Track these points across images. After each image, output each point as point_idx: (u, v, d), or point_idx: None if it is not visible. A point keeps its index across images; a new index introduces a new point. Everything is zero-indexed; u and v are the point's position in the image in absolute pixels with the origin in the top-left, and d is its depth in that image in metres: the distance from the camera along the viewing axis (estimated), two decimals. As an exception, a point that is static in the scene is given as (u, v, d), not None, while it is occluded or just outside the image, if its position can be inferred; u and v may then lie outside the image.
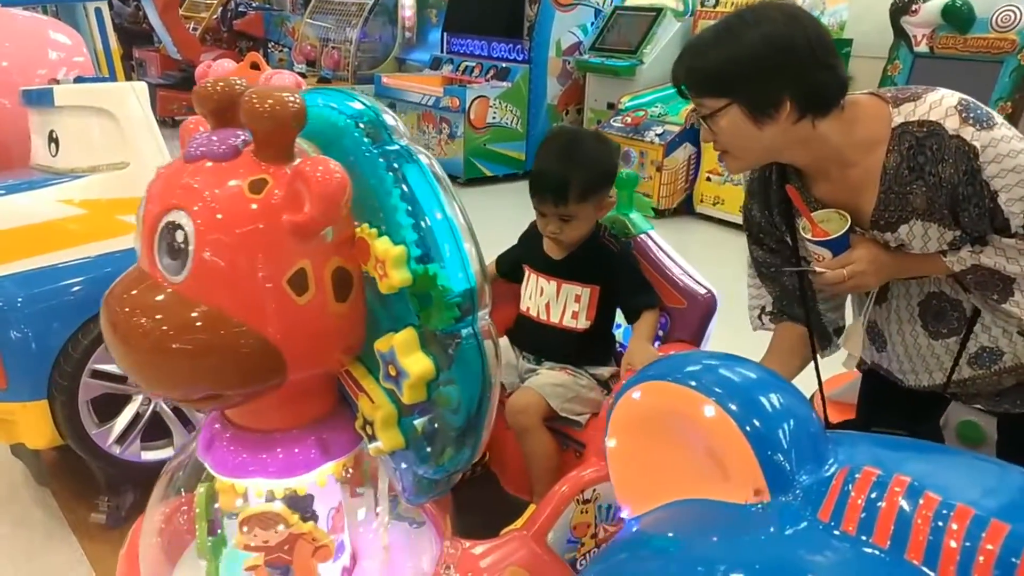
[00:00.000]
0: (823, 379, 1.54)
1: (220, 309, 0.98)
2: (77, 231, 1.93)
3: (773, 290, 1.50)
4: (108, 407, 2.01)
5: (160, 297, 1.00)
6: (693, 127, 5.41)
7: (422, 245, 1.05)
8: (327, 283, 1.03)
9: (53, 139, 2.02)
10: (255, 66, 3.51)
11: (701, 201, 5.45)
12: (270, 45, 8.57)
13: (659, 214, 5.37)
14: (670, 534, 0.67)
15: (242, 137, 1.03)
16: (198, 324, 0.98)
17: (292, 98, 0.98)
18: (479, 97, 6.01)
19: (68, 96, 1.97)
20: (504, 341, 1.83)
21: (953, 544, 0.52)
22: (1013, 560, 0.50)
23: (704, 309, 1.80)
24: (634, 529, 0.73)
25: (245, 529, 1.16)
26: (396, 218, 1.06)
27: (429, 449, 1.10)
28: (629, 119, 5.64)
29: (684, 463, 0.69)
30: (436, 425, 1.09)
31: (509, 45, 6.46)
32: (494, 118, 6.12)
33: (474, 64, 6.64)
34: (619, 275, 1.74)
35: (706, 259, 1.95)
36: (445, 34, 7.05)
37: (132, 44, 8.51)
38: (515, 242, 1.91)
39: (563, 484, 1.48)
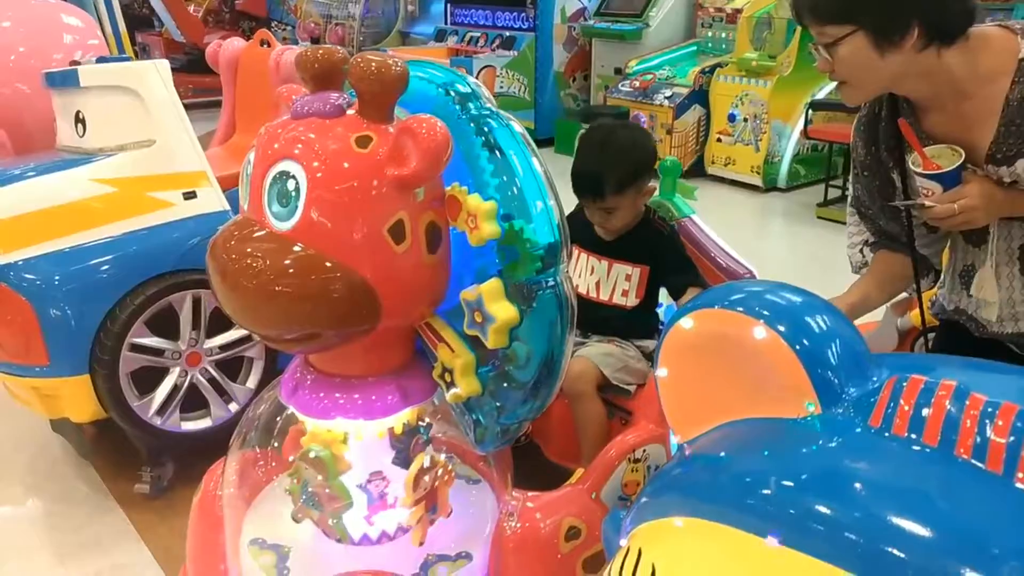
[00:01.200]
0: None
1: (326, 253, 1.05)
2: (109, 209, 1.96)
3: (873, 228, 1.49)
4: (147, 380, 2.06)
5: (268, 242, 1.06)
6: (702, 88, 5.39)
7: (509, 202, 1.12)
8: (421, 235, 1.10)
9: (80, 120, 2.05)
10: (265, 43, 3.51)
11: (712, 162, 5.45)
12: (273, 24, 8.54)
13: (695, 198, 5.36)
14: (721, 452, 0.71)
15: (345, 99, 1.10)
16: (304, 266, 1.04)
17: (395, 62, 1.06)
18: (486, 67, 6.00)
19: (93, 76, 1.99)
20: None
21: (999, 439, 0.56)
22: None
23: None
24: (686, 452, 0.77)
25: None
26: (485, 178, 1.14)
27: (499, 401, 1.17)
28: (637, 83, 5.62)
29: (734, 386, 0.72)
30: (505, 380, 1.16)
31: (514, 14, 6.42)
32: (501, 87, 6.10)
33: (479, 34, 6.61)
34: (667, 256, 1.81)
35: (720, 220, 2.02)
36: (449, 5, 7.01)
37: (134, 29, 8.48)
38: None
39: (612, 447, 1.56)
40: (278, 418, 1.32)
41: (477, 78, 5.86)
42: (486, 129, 1.15)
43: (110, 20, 3.83)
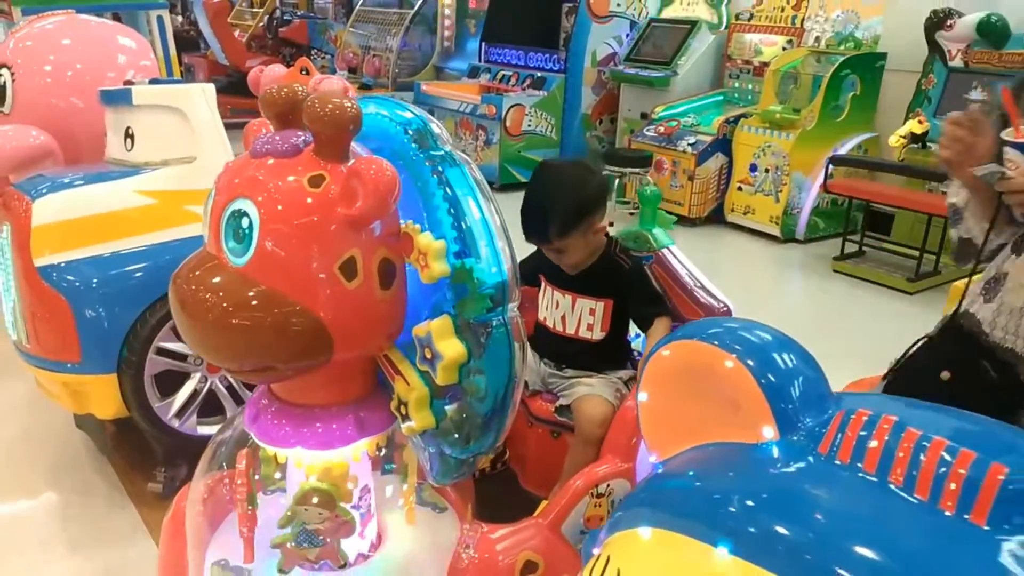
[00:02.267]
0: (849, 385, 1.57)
1: (278, 290, 1.07)
2: (148, 219, 2.08)
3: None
4: (169, 383, 2.16)
5: (224, 277, 1.09)
6: (725, 137, 5.50)
7: (460, 241, 1.15)
8: (374, 272, 1.12)
9: (129, 135, 2.18)
10: (305, 71, 3.68)
11: (732, 210, 5.53)
12: (313, 52, 8.82)
13: (690, 223, 5.45)
14: (689, 471, 0.78)
15: (303, 137, 1.12)
16: (256, 302, 1.07)
17: (349, 104, 1.08)
18: (515, 105, 6.16)
19: (145, 96, 2.13)
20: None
21: (928, 470, 0.63)
22: (977, 480, 0.60)
23: None
24: (660, 471, 0.84)
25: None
26: (438, 216, 1.16)
27: (457, 432, 1.19)
28: (662, 128, 5.74)
29: (706, 412, 0.80)
30: (464, 411, 1.18)
31: (545, 55, 6.60)
32: (529, 126, 6.26)
33: (511, 73, 6.79)
34: (631, 289, 1.81)
35: (736, 268, 2.04)
36: (483, 44, 7.22)
37: (181, 50, 8.80)
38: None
39: (578, 478, 1.56)
40: (246, 442, 1.33)
41: (506, 116, 6.04)
42: (440, 169, 1.18)
43: (162, 42, 4.03)
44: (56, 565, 2.00)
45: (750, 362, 0.76)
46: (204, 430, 2.21)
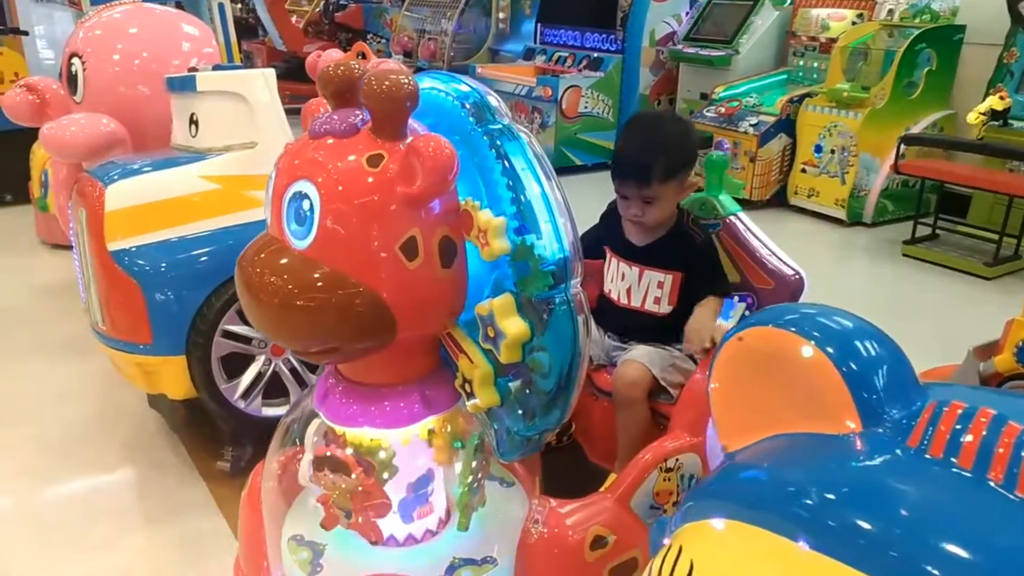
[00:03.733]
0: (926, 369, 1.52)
1: (340, 271, 1.07)
2: (212, 204, 2.12)
3: None
4: (235, 366, 2.21)
5: (287, 259, 1.10)
6: (789, 117, 5.33)
7: (520, 217, 1.13)
8: (434, 251, 1.11)
9: (193, 121, 2.23)
10: (362, 55, 3.70)
11: (795, 193, 5.36)
12: (369, 36, 8.89)
13: (751, 206, 5.31)
14: (764, 462, 0.75)
15: (360, 116, 1.11)
16: (320, 284, 1.07)
17: (406, 80, 1.06)
18: (571, 87, 6.09)
19: (209, 82, 2.17)
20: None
21: (1033, 466, 0.59)
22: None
23: (792, 290, 1.82)
24: (732, 460, 0.81)
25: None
26: (497, 192, 1.14)
27: (521, 409, 1.19)
28: (723, 109, 5.60)
29: (782, 401, 0.76)
30: (528, 388, 1.17)
31: (602, 35, 6.50)
32: (586, 108, 6.18)
33: (567, 54, 6.71)
34: (698, 264, 1.76)
35: (799, 252, 1.94)
36: (539, 25, 7.15)
37: (240, 37, 8.99)
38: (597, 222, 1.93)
39: (647, 452, 1.53)
40: (314, 420, 1.35)
41: (562, 98, 5.99)
42: (499, 143, 1.16)
43: (223, 29, 4.10)
44: (136, 535, 2.08)
45: (830, 349, 0.73)
46: (268, 411, 2.26)
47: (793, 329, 0.76)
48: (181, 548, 2.02)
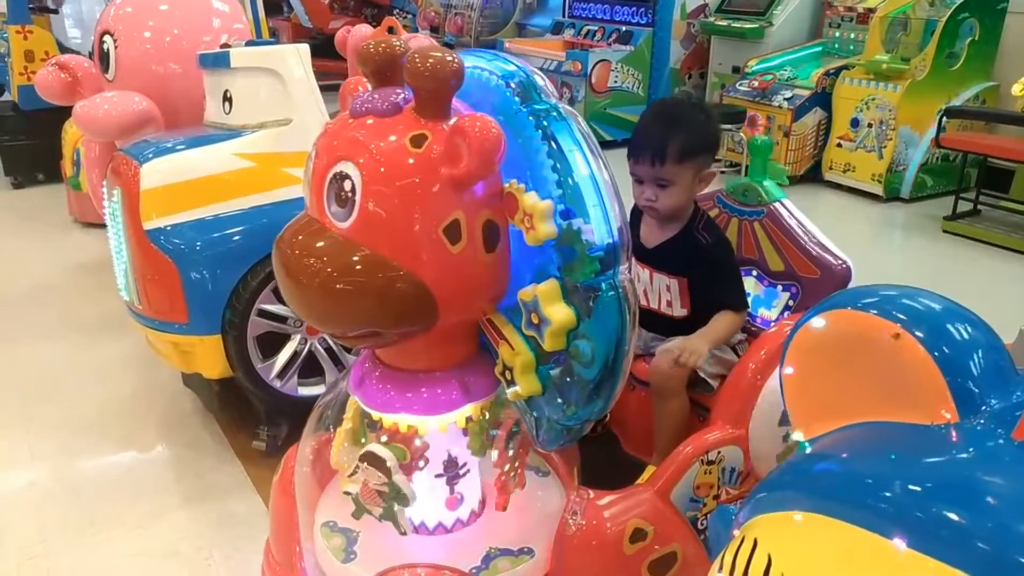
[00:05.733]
0: None
1: (381, 253, 1.04)
2: (247, 182, 2.10)
3: None
4: (270, 345, 2.20)
5: (328, 241, 1.07)
6: (824, 90, 5.20)
7: (567, 201, 1.08)
8: (478, 234, 1.08)
9: (227, 98, 2.20)
10: (391, 30, 3.64)
11: (831, 168, 5.24)
12: (395, 12, 8.80)
13: (787, 182, 5.20)
14: (848, 452, 0.71)
15: (402, 95, 1.07)
16: (360, 267, 1.04)
17: (451, 58, 1.03)
18: (601, 61, 5.99)
19: (242, 58, 2.13)
20: None
21: None
22: None
23: (838, 280, 1.76)
24: (808, 451, 0.77)
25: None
26: (543, 174, 1.09)
27: (562, 398, 1.15)
28: (756, 83, 5.47)
29: (864, 388, 0.72)
30: (569, 376, 1.13)
31: (633, 8, 6.37)
32: (615, 82, 6.08)
33: (596, 28, 6.60)
34: (703, 268, 1.68)
35: (835, 229, 1.87)
36: (567, -2, 7.04)
37: (266, 14, 8.96)
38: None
39: (688, 444, 1.49)
40: (348, 406, 1.31)
41: (591, 72, 5.89)
42: (545, 124, 1.11)
43: (251, 5, 4.06)
44: (175, 514, 2.09)
45: (919, 333, 0.68)
46: (304, 391, 2.25)
47: (875, 311, 0.71)
48: (219, 527, 2.03)
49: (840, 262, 1.77)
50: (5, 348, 3.00)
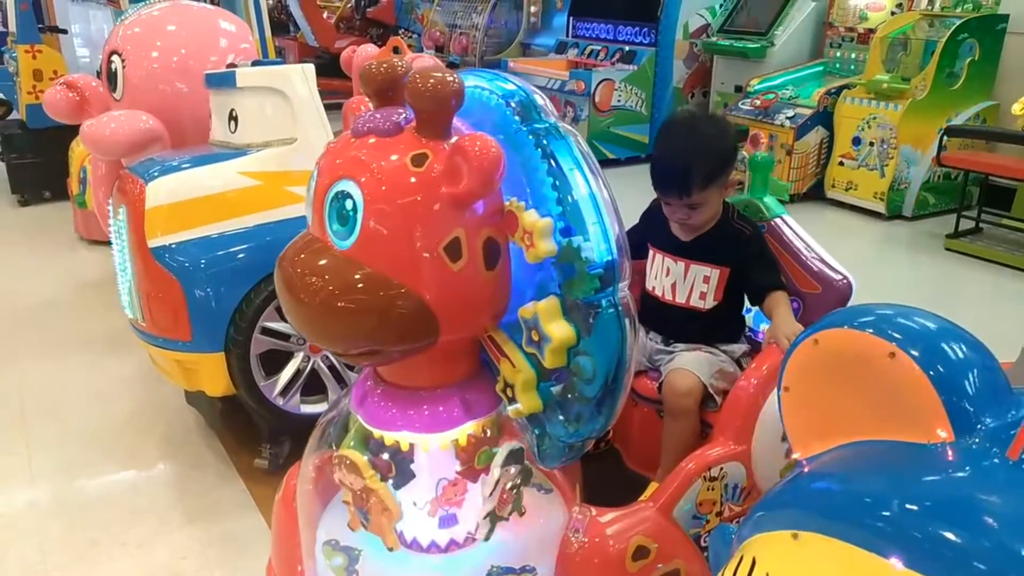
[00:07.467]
0: None
1: (383, 272, 1.05)
2: (252, 200, 2.11)
3: None
4: (273, 363, 2.21)
5: (329, 260, 1.07)
6: (826, 109, 5.22)
7: (567, 218, 1.10)
8: (479, 252, 1.09)
9: (233, 117, 2.22)
10: (397, 50, 3.67)
11: (833, 186, 5.26)
12: (400, 31, 8.89)
13: (788, 199, 5.22)
14: (845, 471, 0.71)
15: (404, 115, 1.09)
16: (362, 285, 1.05)
17: (452, 78, 1.04)
18: (604, 80, 6.03)
19: (248, 78, 2.16)
20: None
21: None
22: None
23: (839, 295, 1.77)
24: (805, 469, 0.77)
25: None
26: (543, 192, 1.11)
27: (563, 415, 1.15)
28: (759, 102, 5.50)
29: (861, 407, 0.72)
30: (570, 393, 1.14)
31: (636, 28, 6.43)
32: (619, 101, 6.12)
33: (600, 48, 6.65)
34: (748, 257, 1.73)
35: (838, 246, 1.88)
36: (571, 18, 7.09)
37: (272, 33, 9.06)
38: (637, 221, 1.90)
39: (690, 460, 1.49)
40: (351, 423, 1.31)
41: (595, 91, 5.93)
42: (545, 142, 1.13)
43: (258, 25, 4.11)
44: (176, 533, 2.09)
45: (914, 352, 0.68)
46: (307, 409, 2.26)
47: (871, 331, 0.72)
48: (222, 546, 2.02)
49: (841, 277, 1.79)
50: (9, 365, 3.01)
